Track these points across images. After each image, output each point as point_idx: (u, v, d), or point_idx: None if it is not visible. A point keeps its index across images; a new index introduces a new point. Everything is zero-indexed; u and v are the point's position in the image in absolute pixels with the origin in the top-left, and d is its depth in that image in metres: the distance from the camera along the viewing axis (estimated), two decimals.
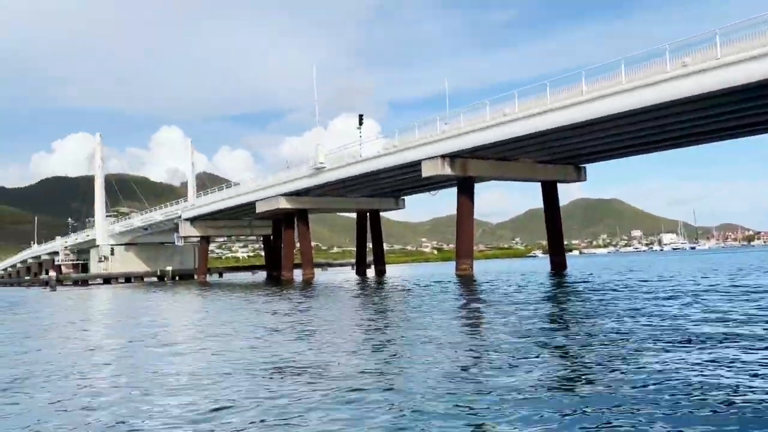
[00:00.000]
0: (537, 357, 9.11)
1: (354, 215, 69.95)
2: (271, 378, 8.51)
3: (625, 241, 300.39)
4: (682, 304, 16.02)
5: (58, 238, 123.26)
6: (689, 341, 9.91)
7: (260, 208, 62.03)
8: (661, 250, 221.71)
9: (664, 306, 15.88)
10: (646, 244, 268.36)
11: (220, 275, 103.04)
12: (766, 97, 28.29)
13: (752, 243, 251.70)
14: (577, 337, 11.03)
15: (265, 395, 7.45)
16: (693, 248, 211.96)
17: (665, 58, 29.19)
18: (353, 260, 76.09)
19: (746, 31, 26.44)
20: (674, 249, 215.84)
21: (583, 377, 7.57)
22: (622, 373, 7.71)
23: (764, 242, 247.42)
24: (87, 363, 11.02)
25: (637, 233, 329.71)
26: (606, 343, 10.18)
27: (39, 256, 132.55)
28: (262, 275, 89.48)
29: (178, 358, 10.94)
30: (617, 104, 30.95)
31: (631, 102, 30.33)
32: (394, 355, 9.95)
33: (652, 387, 6.92)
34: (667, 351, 9.12)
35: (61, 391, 8.33)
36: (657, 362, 8.29)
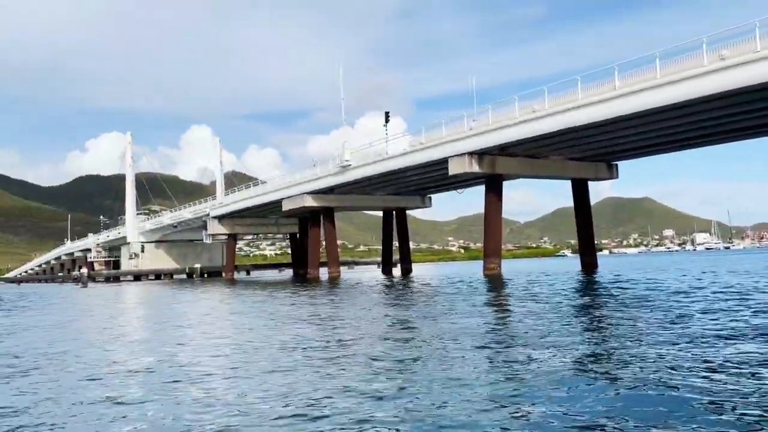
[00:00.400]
0: (582, 379, 8.61)
1: (380, 213, 69.68)
2: (291, 387, 8.19)
3: (657, 241, 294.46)
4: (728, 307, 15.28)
5: (90, 235, 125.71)
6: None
7: (286, 206, 62.16)
8: (694, 249, 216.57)
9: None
10: (679, 244, 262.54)
11: (248, 273, 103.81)
12: None
13: None
14: (621, 349, 10.48)
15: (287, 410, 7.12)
16: (727, 248, 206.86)
17: (701, 51, 28.27)
18: (379, 259, 75.77)
19: None
20: (707, 249, 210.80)
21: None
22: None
23: None
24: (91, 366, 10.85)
25: (669, 233, 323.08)
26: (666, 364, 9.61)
27: (72, 253, 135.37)
28: (288, 273, 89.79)
29: (188, 361, 10.70)
30: (652, 99, 30.05)
31: (667, 97, 29.42)
32: (421, 369, 9.56)
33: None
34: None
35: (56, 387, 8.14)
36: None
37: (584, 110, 33.15)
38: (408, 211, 67.38)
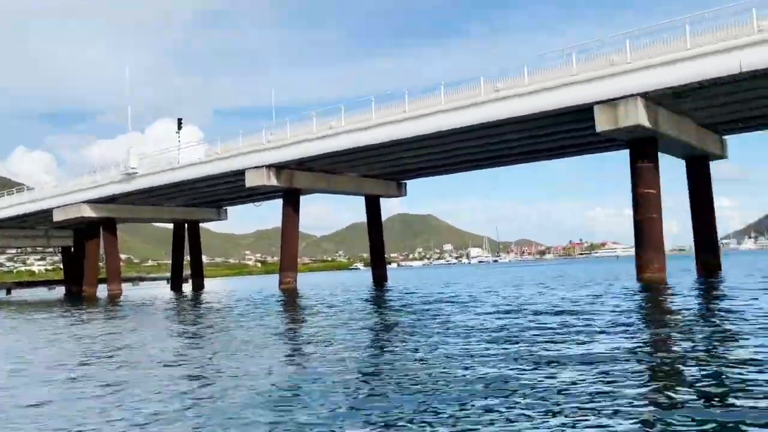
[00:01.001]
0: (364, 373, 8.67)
1: (171, 226, 65.53)
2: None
3: (438, 255, 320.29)
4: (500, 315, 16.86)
5: None
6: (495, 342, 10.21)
7: (59, 217, 55.40)
8: (469, 263, 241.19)
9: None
10: (456, 257, 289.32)
11: (8, 292, 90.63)
12: (567, 124, 31.45)
13: (545, 256, 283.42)
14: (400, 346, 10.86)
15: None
16: (495, 261, 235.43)
17: (479, 82, 31.25)
18: (169, 274, 71.17)
19: (554, 62, 29.28)
20: (480, 262, 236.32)
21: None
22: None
23: (554, 256, 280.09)
24: None
25: (448, 247, 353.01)
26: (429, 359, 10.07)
27: None
28: (61, 291, 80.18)
29: None
30: (436, 123, 32.45)
31: (450, 122, 31.97)
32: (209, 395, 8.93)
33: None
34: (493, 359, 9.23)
35: None
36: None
37: (376, 130, 34.72)
38: (202, 224, 64.42)
